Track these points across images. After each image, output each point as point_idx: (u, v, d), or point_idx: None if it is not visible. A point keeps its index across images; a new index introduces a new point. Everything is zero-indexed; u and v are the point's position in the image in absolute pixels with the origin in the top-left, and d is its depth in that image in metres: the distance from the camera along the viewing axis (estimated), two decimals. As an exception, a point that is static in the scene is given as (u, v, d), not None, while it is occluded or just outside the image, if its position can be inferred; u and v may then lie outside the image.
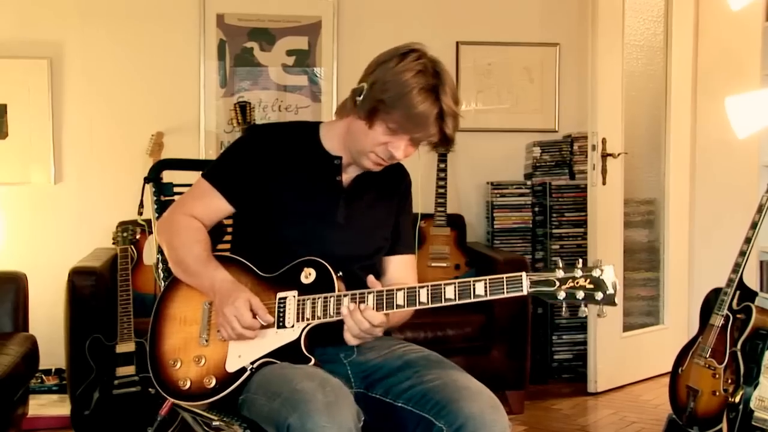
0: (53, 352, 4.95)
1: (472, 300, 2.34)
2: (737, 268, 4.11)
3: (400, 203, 2.87)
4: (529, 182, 5.71)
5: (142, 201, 3.05)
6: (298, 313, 2.50)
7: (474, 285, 2.33)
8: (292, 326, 2.50)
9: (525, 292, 2.30)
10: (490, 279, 2.32)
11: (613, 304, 2.28)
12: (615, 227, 5.35)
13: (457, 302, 2.34)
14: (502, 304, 4.74)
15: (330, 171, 2.71)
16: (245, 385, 2.46)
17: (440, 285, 2.37)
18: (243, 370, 2.47)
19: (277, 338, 2.50)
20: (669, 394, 4.43)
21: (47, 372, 5.37)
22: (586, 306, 2.29)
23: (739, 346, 4.04)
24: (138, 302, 4.65)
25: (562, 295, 2.30)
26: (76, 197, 5.61)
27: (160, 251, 2.90)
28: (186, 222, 2.68)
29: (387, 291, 2.42)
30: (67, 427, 4.66)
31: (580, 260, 2.31)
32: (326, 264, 2.53)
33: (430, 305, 2.39)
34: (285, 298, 2.53)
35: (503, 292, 2.31)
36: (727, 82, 5.25)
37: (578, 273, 2.29)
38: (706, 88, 5.67)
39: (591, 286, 2.28)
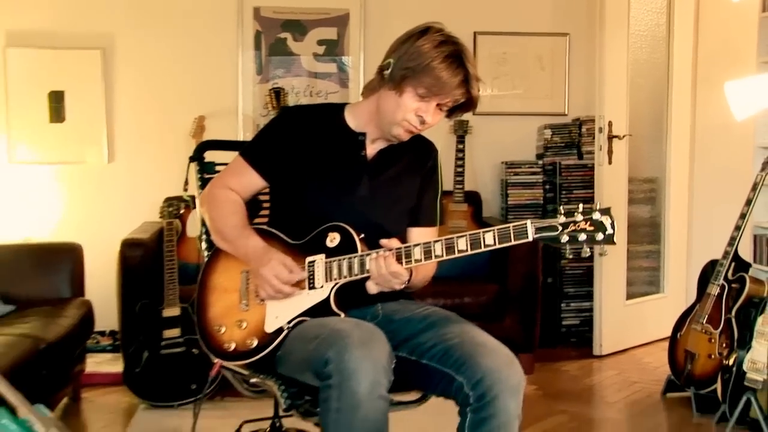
0: (107, 316, 5.02)
1: (483, 249, 2.35)
2: (732, 241, 4.18)
3: (426, 178, 2.87)
4: (540, 162, 5.73)
5: (187, 178, 3.05)
6: (326, 274, 2.53)
7: (483, 236, 2.34)
8: (322, 286, 2.53)
9: (531, 239, 2.30)
10: (498, 229, 2.33)
11: (613, 242, 2.30)
12: (620, 203, 5.37)
13: (470, 252, 2.36)
14: (515, 275, 4.82)
15: (355, 146, 2.73)
16: (282, 344, 2.51)
17: (453, 238, 2.40)
18: (280, 330, 2.51)
19: (309, 298, 2.53)
20: (668, 357, 4.50)
21: (102, 333, 5.45)
22: (589, 247, 2.30)
23: (733, 313, 4.13)
24: (182, 271, 4.67)
25: (565, 238, 2.30)
26: (126, 175, 5.67)
27: (203, 224, 2.90)
28: (224, 195, 2.72)
29: (405, 247, 2.46)
30: (120, 383, 4.71)
31: (580, 205, 2.32)
32: (348, 228, 2.57)
33: (445, 257, 2.41)
34: (313, 261, 2.55)
35: (510, 240, 2.31)
36: (725, 69, 5.23)
37: (579, 217, 2.29)
38: (705, 75, 5.70)
39: (591, 228, 2.28)
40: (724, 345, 4.09)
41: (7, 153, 5.60)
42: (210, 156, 3.13)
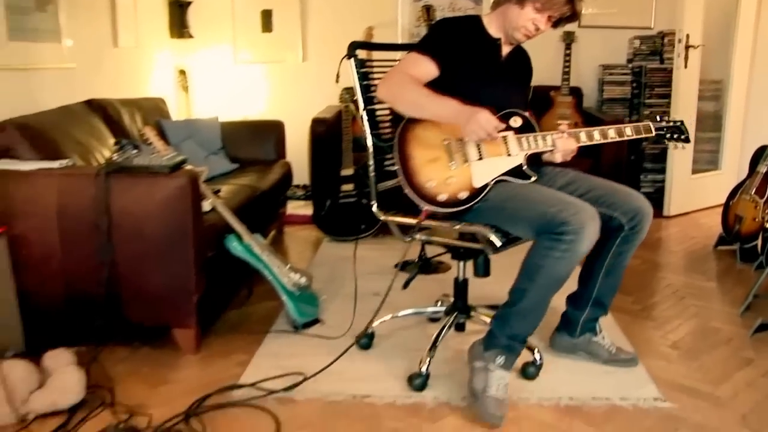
0: (301, 173, 5.30)
1: (623, 139, 2.69)
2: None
3: (529, 75, 3.04)
4: (629, 65, 5.72)
5: (338, 72, 3.06)
6: (519, 145, 2.63)
7: (625, 129, 2.68)
8: (516, 154, 2.62)
9: (654, 134, 2.71)
10: (633, 126, 2.70)
11: (689, 141, 2.75)
12: (691, 100, 5.36)
13: (613, 140, 2.68)
14: (607, 153, 4.85)
15: (494, 48, 2.79)
16: (485, 197, 2.55)
17: (606, 129, 2.68)
18: (485, 186, 2.55)
19: (506, 163, 2.59)
20: (721, 219, 4.55)
21: (297, 186, 5.68)
22: (675, 142, 2.76)
23: (776, 187, 4.14)
24: (355, 142, 4.78)
25: (668, 136, 2.75)
26: (315, 71, 5.86)
27: (367, 108, 2.88)
28: (407, 77, 2.60)
29: (577, 131, 2.69)
30: (310, 222, 5.00)
31: (673, 117, 2.78)
32: (527, 114, 2.72)
33: (599, 141, 2.69)
34: (506, 136, 2.63)
35: (641, 134, 2.70)
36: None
37: (672, 123, 2.74)
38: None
39: (678, 132, 2.75)
40: (766, 211, 4.15)
41: (233, 56, 5.90)
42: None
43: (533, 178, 2.62)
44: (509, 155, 2.62)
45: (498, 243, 2.51)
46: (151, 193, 2.89)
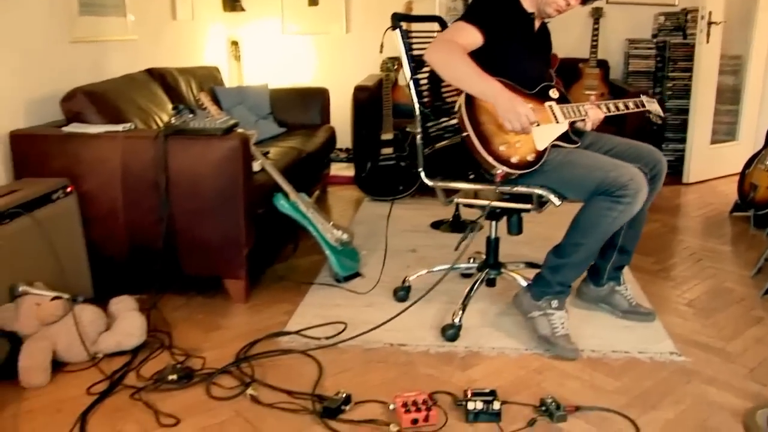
0: (344, 137, 5.26)
1: (628, 111, 2.79)
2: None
3: (551, 48, 3.00)
4: (654, 40, 5.60)
5: (382, 42, 3.01)
6: (563, 114, 2.67)
7: (628, 103, 2.78)
8: (562, 122, 2.66)
9: (646, 107, 2.82)
10: (636, 100, 2.80)
11: (664, 119, 2.84)
12: (712, 73, 5.26)
13: (626, 112, 2.79)
14: (630, 122, 4.76)
15: (528, 22, 2.76)
16: (546, 160, 2.57)
17: (621, 101, 2.77)
18: (545, 149, 2.58)
19: (556, 129, 2.63)
20: (737, 187, 4.49)
21: (340, 149, 5.65)
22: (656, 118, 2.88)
23: (790, 157, 4.03)
24: (395, 108, 4.79)
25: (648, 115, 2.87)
26: (358, 42, 5.82)
27: (413, 75, 2.82)
28: (457, 46, 2.52)
29: (605, 102, 2.75)
30: (351, 183, 5.04)
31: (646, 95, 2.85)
32: (561, 88, 2.75)
33: (617, 113, 2.77)
34: (551, 105, 2.67)
35: (639, 108, 2.81)
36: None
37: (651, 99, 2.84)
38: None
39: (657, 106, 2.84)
40: (780, 180, 4.09)
41: (281, 28, 5.88)
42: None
43: (578, 144, 2.68)
44: (557, 122, 2.65)
45: (558, 203, 2.58)
46: (206, 154, 2.92)
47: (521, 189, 2.63)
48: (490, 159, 2.49)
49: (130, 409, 2.30)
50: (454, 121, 3.04)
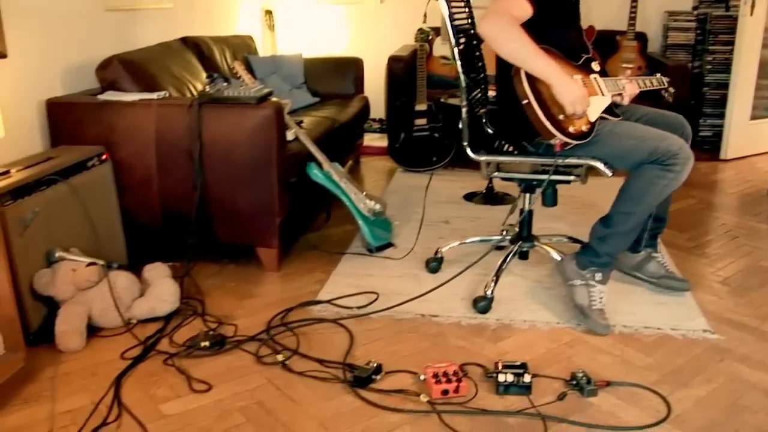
0: (377, 107, 5.25)
1: (657, 87, 2.87)
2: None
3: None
4: (695, 12, 5.49)
5: (425, 12, 2.95)
6: (606, 87, 2.67)
7: (662, 79, 2.86)
8: (606, 95, 2.65)
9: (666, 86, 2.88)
10: (663, 78, 2.85)
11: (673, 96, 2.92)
12: (755, 47, 5.14)
13: (653, 88, 2.85)
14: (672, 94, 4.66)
15: None
16: (597, 131, 2.58)
17: (653, 77, 2.84)
18: (597, 121, 2.58)
19: (602, 102, 2.62)
20: (778, 163, 4.36)
21: (374, 119, 5.68)
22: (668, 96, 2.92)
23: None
24: (429, 79, 4.78)
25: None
26: (392, 12, 5.79)
27: (459, 46, 2.77)
28: (512, 20, 2.46)
29: (641, 78, 2.78)
30: (385, 153, 5.06)
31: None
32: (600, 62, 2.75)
33: (648, 89, 2.82)
34: (596, 77, 2.66)
35: (660, 86, 2.87)
36: None
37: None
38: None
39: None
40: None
41: (316, -3, 5.83)
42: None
43: (620, 117, 2.70)
44: (603, 95, 2.65)
45: (609, 173, 2.60)
46: (240, 122, 2.93)
47: (576, 160, 2.64)
48: (551, 128, 2.47)
49: (162, 374, 2.33)
50: (491, 93, 3.02)
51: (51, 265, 2.60)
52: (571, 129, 2.51)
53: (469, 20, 3.03)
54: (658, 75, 2.91)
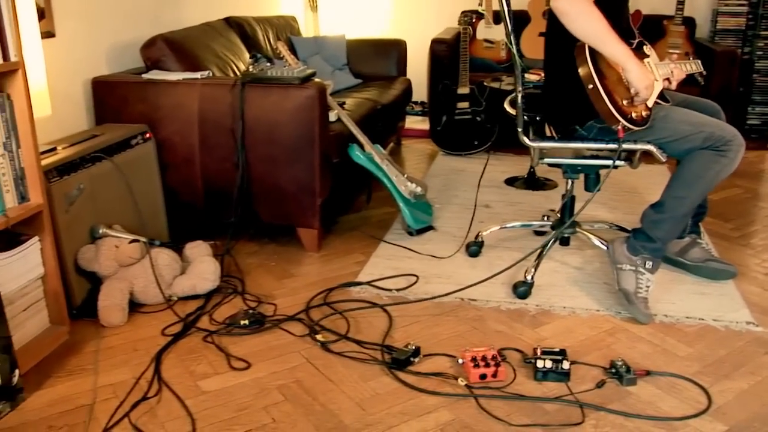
0: (420, 90, 5.28)
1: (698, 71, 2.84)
2: None
3: None
4: (746, -4, 5.31)
5: None
6: (658, 72, 2.66)
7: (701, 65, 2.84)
8: (658, 80, 2.63)
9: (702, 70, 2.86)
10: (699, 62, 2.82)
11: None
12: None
13: (697, 71, 2.83)
14: (715, 84, 4.60)
15: None
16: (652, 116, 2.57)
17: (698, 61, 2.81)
18: (653, 105, 2.58)
19: (657, 87, 2.60)
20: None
21: (416, 102, 5.68)
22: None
23: None
24: (472, 62, 4.75)
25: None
26: (436, -5, 5.79)
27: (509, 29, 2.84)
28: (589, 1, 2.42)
29: (685, 62, 2.76)
30: (426, 136, 5.04)
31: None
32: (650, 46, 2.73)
33: (693, 71, 2.81)
34: (650, 62, 2.65)
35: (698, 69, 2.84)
36: None
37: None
38: None
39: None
40: None
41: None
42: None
43: (671, 102, 2.69)
44: (656, 80, 2.61)
45: (663, 159, 2.60)
46: (283, 102, 2.93)
47: (632, 145, 2.62)
48: (615, 113, 2.45)
49: (202, 351, 2.36)
50: (535, 77, 2.99)
51: (95, 241, 2.64)
52: (633, 114, 2.50)
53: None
54: (692, 58, 2.89)
